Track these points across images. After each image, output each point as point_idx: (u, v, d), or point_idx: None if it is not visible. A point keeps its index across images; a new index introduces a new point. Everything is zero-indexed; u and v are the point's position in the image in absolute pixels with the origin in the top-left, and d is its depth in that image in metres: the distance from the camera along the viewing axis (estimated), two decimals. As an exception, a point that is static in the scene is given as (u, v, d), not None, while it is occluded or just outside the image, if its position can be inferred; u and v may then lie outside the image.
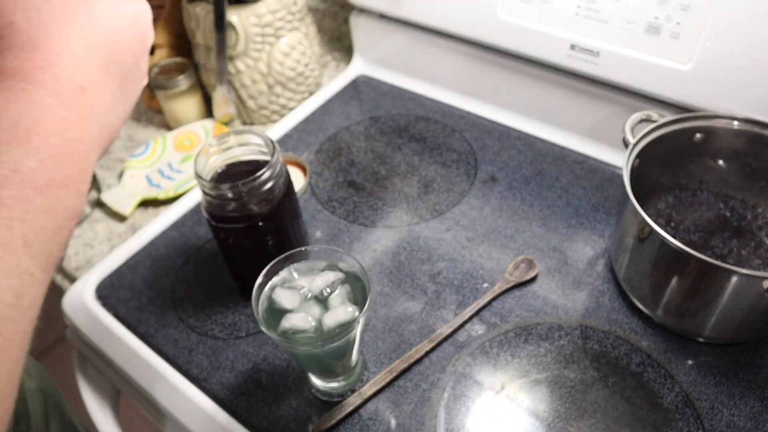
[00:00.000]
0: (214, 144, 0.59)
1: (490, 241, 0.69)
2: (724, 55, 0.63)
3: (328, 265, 0.53)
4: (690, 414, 0.53)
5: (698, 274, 0.53)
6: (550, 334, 0.60)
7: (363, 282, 0.51)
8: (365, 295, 0.49)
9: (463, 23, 0.82)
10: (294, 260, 0.53)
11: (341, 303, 0.50)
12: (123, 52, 0.31)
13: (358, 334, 0.51)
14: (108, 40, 0.29)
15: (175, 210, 0.77)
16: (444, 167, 0.79)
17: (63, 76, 0.27)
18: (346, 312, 0.49)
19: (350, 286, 0.52)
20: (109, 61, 0.29)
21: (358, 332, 0.50)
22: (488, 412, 0.55)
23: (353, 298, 0.51)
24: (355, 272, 0.52)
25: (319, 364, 0.54)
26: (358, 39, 0.97)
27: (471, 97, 0.88)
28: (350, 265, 0.52)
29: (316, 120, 0.89)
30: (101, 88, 0.29)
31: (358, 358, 0.56)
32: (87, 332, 0.67)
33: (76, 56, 0.28)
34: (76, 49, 0.28)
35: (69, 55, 0.27)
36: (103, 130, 0.29)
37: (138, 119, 0.98)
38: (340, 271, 0.52)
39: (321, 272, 0.52)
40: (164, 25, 0.91)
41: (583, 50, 0.72)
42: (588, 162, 0.78)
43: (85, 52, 0.28)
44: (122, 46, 0.30)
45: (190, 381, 0.60)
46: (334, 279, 0.51)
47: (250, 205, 0.57)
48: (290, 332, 0.49)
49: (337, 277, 0.52)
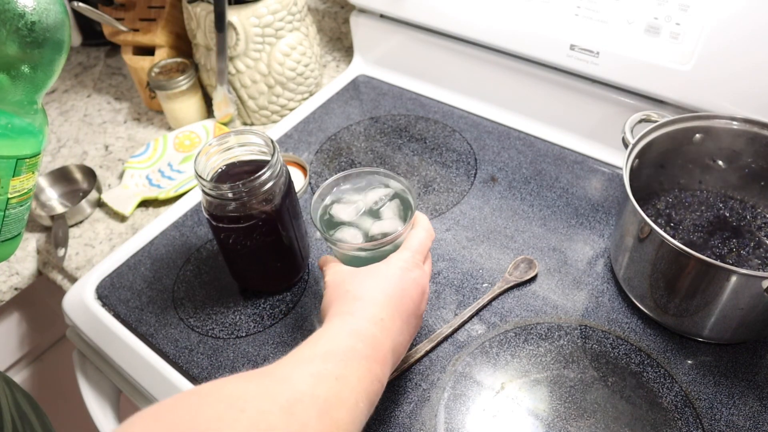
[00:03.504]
0: (215, 144, 0.59)
1: (490, 241, 0.69)
2: (724, 56, 0.63)
3: (378, 183, 0.60)
4: (689, 413, 0.53)
5: (698, 274, 0.53)
6: (549, 333, 0.60)
7: (409, 199, 0.58)
8: (411, 211, 0.56)
9: (463, 23, 0.82)
10: (348, 179, 0.60)
11: (391, 216, 0.58)
12: (408, 301, 0.49)
13: None
14: (398, 293, 0.48)
15: (176, 210, 0.78)
16: (444, 167, 0.79)
17: (371, 312, 0.46)
18: (391, 224, 0.57)
19: (399, 201, 0.58)
20: (399, 305, 0.48)
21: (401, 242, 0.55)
22: (488, 411, 0.55)
23: (401, 212, 0.58)
24: (402, 189, 0.58)
25: None
26: (358, 39, 0.97)
27: (471, 97, 0.89)
28: (398, 183, 0.59)
29: (316, 120, 0.89)
30: (393, 320, 0.47)
31: None
32: (87, 332, 0.67)
33: (379, 302, 0.47)
34: (379, 299, 0.48)
35: (374, 302, 0.47)
36: (395, 345, 0.47)
37: (138, 119, 0.99)
38: (389, 189, 0.59)
39: (372, 189, 0.59)
40: (164, 25, 0.91)
41: (583, 50, 0.72)
42: (588, 162, 0.78)
43: (384, 300, 0.48)
44: (407, 297, 0.49)
45: (191, 381, 0.60)
46: (384, 194, 0.59)
47: (250, 205, 0.57)
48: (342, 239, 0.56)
49: (386, 193, 0.59)
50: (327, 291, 0.51)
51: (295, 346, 0.61)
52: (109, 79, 1.09)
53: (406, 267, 0.51)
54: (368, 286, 0.49)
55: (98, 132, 0.97)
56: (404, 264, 0.51)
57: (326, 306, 0.49)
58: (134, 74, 0.96)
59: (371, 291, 0.48)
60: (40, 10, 0.42)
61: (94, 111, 1.01)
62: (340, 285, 0.50)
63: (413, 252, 0.52)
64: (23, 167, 0.45)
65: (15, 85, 0.43)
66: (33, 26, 0.42)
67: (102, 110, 1.02)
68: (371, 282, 0.49)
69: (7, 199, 0.45)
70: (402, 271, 0.50)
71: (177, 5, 0.92)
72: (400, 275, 0.50)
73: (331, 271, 0.53)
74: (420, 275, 0.51)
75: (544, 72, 0.79)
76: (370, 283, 0.49)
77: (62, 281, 0.76)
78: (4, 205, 0.45)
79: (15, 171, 0.44)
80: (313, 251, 0.71)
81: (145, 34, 0.91)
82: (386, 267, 0.51)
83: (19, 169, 0.44)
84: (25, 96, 0.44)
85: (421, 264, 0.52)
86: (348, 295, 0.48)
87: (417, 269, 0.51)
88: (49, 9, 0.42)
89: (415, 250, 0.53)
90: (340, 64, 1.04)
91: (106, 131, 0.97)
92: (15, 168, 0.44)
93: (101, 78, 1.09)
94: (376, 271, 0.50)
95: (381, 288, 0.48)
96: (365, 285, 0.49)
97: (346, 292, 0.49)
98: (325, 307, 0.50)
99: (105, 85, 1.07)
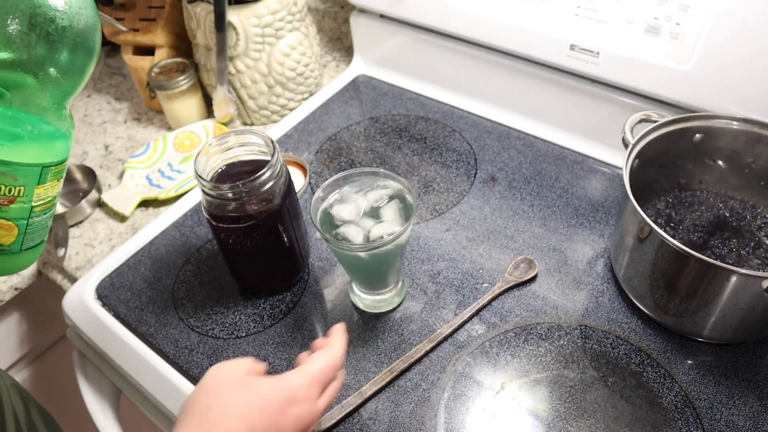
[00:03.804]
0: (215, 144, 0.59)
1: (490, 241, 0.69)
2: (724, 56, 0.63)
3: (378, 183, 0.60)
4: (689, 413, 0.53)
5: (697, 274, 0.53)
6: (549, 333, 0.60)
7: (409, 199, 0.58)
8: (411, 212, 0.57)
9: (463, 23, 0.82)
10: (348, 179, 0.60)
11: (390, 216, 0.58)
12: None
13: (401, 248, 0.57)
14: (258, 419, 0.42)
15: (175, 210, 0.78)
16: (444, 167, 0.79)
17: (220, 424, 0.41)
18: (391, 224, 0.57)
19: (399, 201, 0.59)
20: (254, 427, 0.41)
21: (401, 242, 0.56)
22: (488, 411, 0.55)
23: (401, 212, 0.58)
24: (402, 190, 0.59)
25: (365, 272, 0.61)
26: (358, 39, 0.97)
27: (471, 97, 0.89)
28: (398, 183, 0.59)
29: (316, 120, 0.89)
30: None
31: (399, 277, 0.63)
32: (87, 332, 0.67)
33: (232, 419, 0.41)
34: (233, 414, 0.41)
35: (226, 417, 0.41)
36: None
37: (138, 119, 0.99)
38: (388, 189, 0.60)
39: (372, 189, 0.60)
40: (164, 25, 0.91)
41: (583, 50, 0.72)
42: (588, 162, 0.78)
43: (237, 419, 0.41)
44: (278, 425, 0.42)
45: (190, 381, 0.60)
46: (384, 194, 0.59)
47: (250, 205, 0.57)
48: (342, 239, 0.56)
49: (386, 193, 0.59)
50: (196, 388, 0.44)
51: (295, 346, 0.62)
52: (109, 79, 1.09)
53: (292, 398, 0.43)
54: (234, 411, 0.42)
55: (98, 132, 0.97)
56: (292, 394, 0.43)
57: (185, 408, 0.43)
58: (134, 74, 0.96)
59: (234, 420, 0.41)
60: (71, 14, 0.41)
61: (94, 111, 1.01)
62: (207, 394, 0.43)
63: (309, 380, 0.44)
64: (48, 175, 0.43)
65: (43, 90, 0.41)
66: (64, 30, 0.41)
67: (102, 110, 1.02)
68: (241, 407, 0.42)
69: (32, 207, 0.43)
70: (284, 402, 0.43)
71: (177, 5, 0.92)
72: (280, 408, 0.42)
73: (215, 370, 0.45)
74: (306, 413, 0.44)
75: (544, 72, 0.79)
76: (239, 407, 0.42)
77: (62, 281, 0.76)
78: (28, 213, 0.43)
79: (40, 179, 0.43)
80: (313, 251, 0.71)
81: (145, 34, 0.91)
82: (270, 391, 0.43)
83: (44, 176, 0.43)
84: (53, 101, 0.42)
85: (314, 396, 0.45)
86: (208, 415, 0.41)
87: (306, 404, 0.44)
88: (81, 13, 0.41)
89: (313, 377, 0.45)
90: (340, 64, 1.04)
91: (106, 131, 0.97)
92: (40, 176, 0.43)
93: (101, 78, 1.09)
94: (255, 393, 0.43)
95: (248, 419, 0.41)
96: (231, 409, 0.42)
97: (208, 409, 0.42)
98: (184, 407, 0.43)
99: (105, 85, 1.07)
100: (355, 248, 0.55)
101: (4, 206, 0.42)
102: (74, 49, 0.42)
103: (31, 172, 0.42)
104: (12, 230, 0.43)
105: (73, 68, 0.42)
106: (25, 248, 0.45)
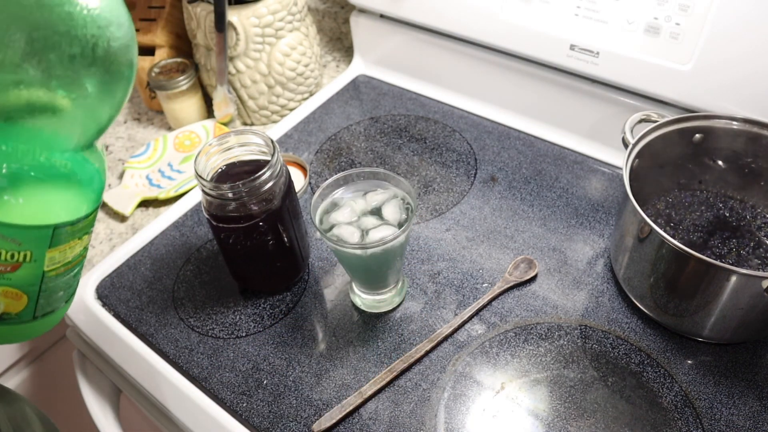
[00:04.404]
0: (215, 144, 0.59)
1: (490, 241, 0.69)
2: (724, 56, 0.63)
3: (378, 183, 0.60)
4: (689, 413, 0.53)
5: (697, 274, 0.53)
6: (549, 333, 0.60)
7: (409, 200, 0.58)
8: (410, 213, 0.57)
9: (463, 23, 0.82)
10: (348, 179, 0.60)
11: (390, 217, 0.58)
12: None
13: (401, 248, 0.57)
14: None
15: (176, 210, 0.78)
16: (444, 167, 0.79)
17: None
18: (391, 225, 0.57)
19: (399, 201, 0.59)
20: None
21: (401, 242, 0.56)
22: (488, 411, 0.55)
23: (400, 212, 0.58)
24: (402, 190, 0.59)
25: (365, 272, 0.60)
26: (358, 39, 0.97)
27: (471, 97, 0.89)
28: (398, 183, 0.59)
29: (316, 120, 0.89)
30: None
31: (399, 276, 0.63)
32: (87, 332, 0.67)
33: None
34: None
35: None
36: None
37: (138, 119, 0.99)
38: (389, 189, 0.60)
39: (372, 189, 0.60)
40: (164, 25, 0.91)
41: (583, 50, 0.72)
42: (588, 162, 0.78)
43: None
44: None
45: (191, 381, 0.60)
46: (384, 194, 0.59)
47: (250, 205, 0.57)
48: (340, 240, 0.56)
49: (386, 193, 0.59)
50: None
51: (295, 345, 0.62)
52: (109, 79, 1.09)
53: None
54: None
55: (98, 132, 0.97)
56: None
57: None
58: (134, 74, 0.96)
59: None
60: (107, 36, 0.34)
61: (94, 111, 1.01)
62: None
63: None
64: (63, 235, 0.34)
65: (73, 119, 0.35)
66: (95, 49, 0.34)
67: (102, 110, 1.01)
68: None
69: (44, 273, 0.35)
70: None
71: (177, 5, 0.92)
72: None
73: None
74: None
75: (544, 72, 0.79)
76: None
77: (62, 281, 0.76)
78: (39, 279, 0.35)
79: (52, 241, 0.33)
80: (313, 251, 0.71)
81: (145, 34, 0.91)
82: None
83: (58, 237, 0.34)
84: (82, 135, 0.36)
85: None
86: None
87: None
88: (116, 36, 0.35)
89: None
90: (340, 64, 1.04)
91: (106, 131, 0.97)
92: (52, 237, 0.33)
93: (101, 78, 1.09)
94: None
95: None
96: None
97: None
98: None
99: (105, 85, 1.07)
100: (355, 248, 0.55)
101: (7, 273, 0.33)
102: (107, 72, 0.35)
103: (37, 234, 0.33)
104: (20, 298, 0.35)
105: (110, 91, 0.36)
106: (40, 315, 0.37)
